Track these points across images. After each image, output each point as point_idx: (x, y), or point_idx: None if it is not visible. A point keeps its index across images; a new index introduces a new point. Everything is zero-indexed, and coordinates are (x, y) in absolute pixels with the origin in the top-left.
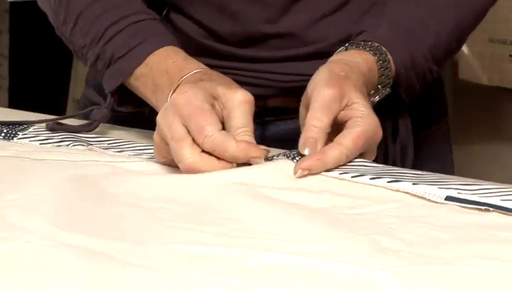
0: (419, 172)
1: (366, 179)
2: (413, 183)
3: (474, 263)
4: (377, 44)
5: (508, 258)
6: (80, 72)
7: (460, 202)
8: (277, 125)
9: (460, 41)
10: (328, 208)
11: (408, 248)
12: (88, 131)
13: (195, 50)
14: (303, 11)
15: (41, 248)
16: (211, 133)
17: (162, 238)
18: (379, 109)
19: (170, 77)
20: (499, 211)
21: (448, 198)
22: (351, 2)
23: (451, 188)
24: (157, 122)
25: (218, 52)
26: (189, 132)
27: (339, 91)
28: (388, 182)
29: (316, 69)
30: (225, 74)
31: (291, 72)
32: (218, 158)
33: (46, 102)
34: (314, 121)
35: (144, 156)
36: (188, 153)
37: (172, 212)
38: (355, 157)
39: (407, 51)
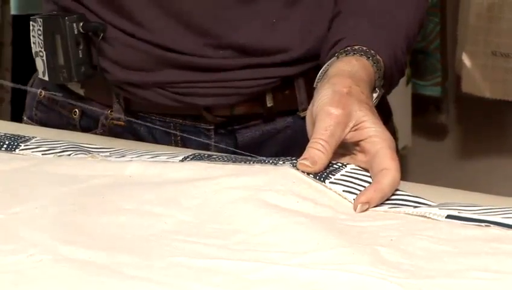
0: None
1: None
2: (414, 207)
3: (475, 276)
4: (365, 48)
5: (509, 271)
6: None
7: (461, 220)
8: (247, 132)
9: (418, 34)
10: (330, 218)
11: (409, 260)
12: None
13: (155, 63)
14: (253, 21)
15: (44, 262)
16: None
17: (165, 250)
18: None
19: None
20: (499, 227)
21: (449, 216)
22: (296, 4)
23: (452, 209)
24: None
25: (179, 64)
26: None
27: (342, 113)
28: (389, 208)
29: (279, 73)
30: (190, 88)
31: (255, 77)
32: None
33: None
34: (315, 144)
35: (146, 157)
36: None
37: (175, 222)
38: None
39: (390, 47)
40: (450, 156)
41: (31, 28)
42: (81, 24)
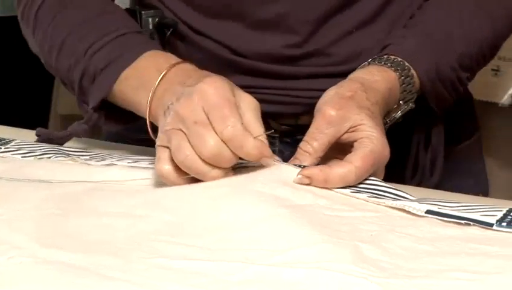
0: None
1: (347, 191)
2: (394, 199)
3: (454, 276)
4: (400, 59)
5: (488, 271)
6: (62, 87)
7: (441, 216)
8: None
9: (495, 48)
10: (310, 206)
11: (389, 258)
12: (60, 143)
13: (219, 67)
14: (329, 30)
15: (24, 264)
16: (233, 124)
17: (145, 252)
18: (413, 117)
19: (158, 68)
20: (478, 225)
21: (428, 212)
22: (379, 17)
23: (431, 204)
24: (175, 109)
25: (246, 69)
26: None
27: (337, 114)
28: (369, 196)
29: None
30: (255, 93)
31: (322, 88)
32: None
33: (29, 117)
34: (304, 145)
35: (126, 161)
36: (212, 139)
37: (155, 222)
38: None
39: (432, 62)
40: None
41: None
42: (157, 20)
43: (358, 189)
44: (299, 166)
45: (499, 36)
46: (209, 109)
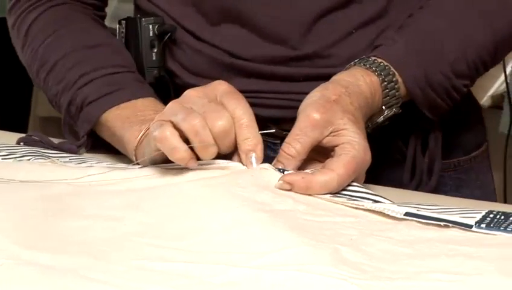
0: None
1: (327, 196)
2: (373, 202)
3: (434, 278)
4: (386, 63)
5: (468, 273)
6: (41, 90)
7: (420, 218)
8: None
9: (496, 55)
10: (290, 211)
11: (369, 261)
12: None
13: (219, 71)
14: (327, 31)
15: (5, 266)
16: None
17: (126, 253)
18: (409, 123)
19: (157, 110)
20: (458, 227)
21: (407, 214)
22: (380, 19)
23: (411, 207)
24: (186, 92)
25: (246, 72)
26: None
27: (321, 117)
28: (348, 200)
29: None
30: (256, 98)
31: None
32: None
33: (9, 120)
34: (286, 147)
35: (105, 164)
36: (226, 115)
37: (135, 224)
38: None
39: (420, 69)
40: None
41: (117, 31)
42: (157, 26)
43: (337, 194)
44: (281, 170)
45: (500, 42)
46: (222, 95)
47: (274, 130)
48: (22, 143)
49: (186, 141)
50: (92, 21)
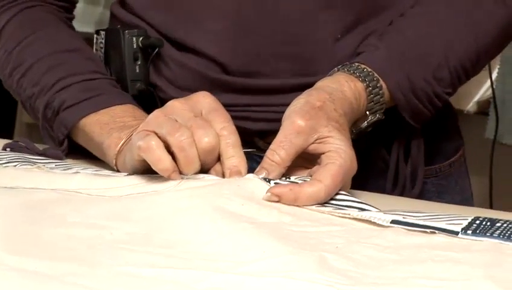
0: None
1: (313, 206)
2: (360, 210)
3: (421, 283)
4: (369, 69)
5: (456, 278)
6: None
7: (406, 225)
8: None
9: (478, 64)
10: (275, 223)
11: (356, 267)
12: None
13: (204, 85)
14: (313, 38)
15: None
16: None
17: (112, 260)
18: (392, 130)
19: (136, 116)
20: (444, 233)
21: (394, 222)
22: (361, 26)
23: (397, 214)
24: (170, 103)
25: (234, 86)
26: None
27: (306, 124)
28: (334, 209)
29: None
30: (243, 111)
31: None
32: None
33: None
34: (271, 154)
35: (90, 170)
36: (212, 132)
37: (122, 233)
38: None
39: (403, 75)
40: None
41: (95, 41)
42: (141, 39)
43: (324, 204)
44: (267, 179)
45: (482, 51)
46: (206, 109)
47: (255, 149)
48: (8, 149)
49: (169, 152)
50: (64, 24)
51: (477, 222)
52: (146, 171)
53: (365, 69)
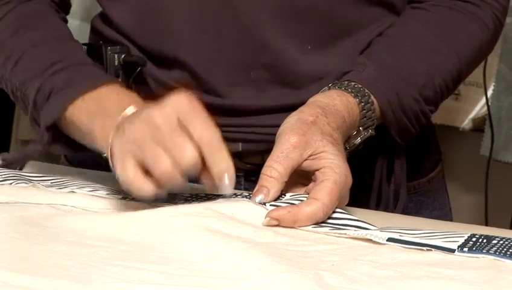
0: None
1: (309, 227)
2: (356, 228)
3: None
4: (360, 85)
5: None
6: (22, 113)
7: (403, 243)
8: None
9: (459, 81)
10: (271, 243)
11: (352, 285)
12: (18, 167)
13: None
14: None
15: None
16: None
17: (106, 277)
18: (375, 149)
19: (119, 101)
20: (440, 250)
21: (390, 239)
22: (339, 41)
23: (393, 232)
24: (147, 113)
25: (208, 107)
26: None
27: (299, 140)
28: (330, 229)
29: None
30: (222, 131)
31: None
32: None
33: None
34: (268, 170)
35: (87, 189)
36: (190, 146)
37: (116, 251)
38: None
39: (392, 92)
40: None
41: None
42: (123, 56)
43: (321, 223)
44: (263, 203)
45: (464, 69)
46: (184, 115)
47: (240, 149)
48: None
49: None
50: (60, 19)
51: (474, 239)
52: None
53: (356, 85)
